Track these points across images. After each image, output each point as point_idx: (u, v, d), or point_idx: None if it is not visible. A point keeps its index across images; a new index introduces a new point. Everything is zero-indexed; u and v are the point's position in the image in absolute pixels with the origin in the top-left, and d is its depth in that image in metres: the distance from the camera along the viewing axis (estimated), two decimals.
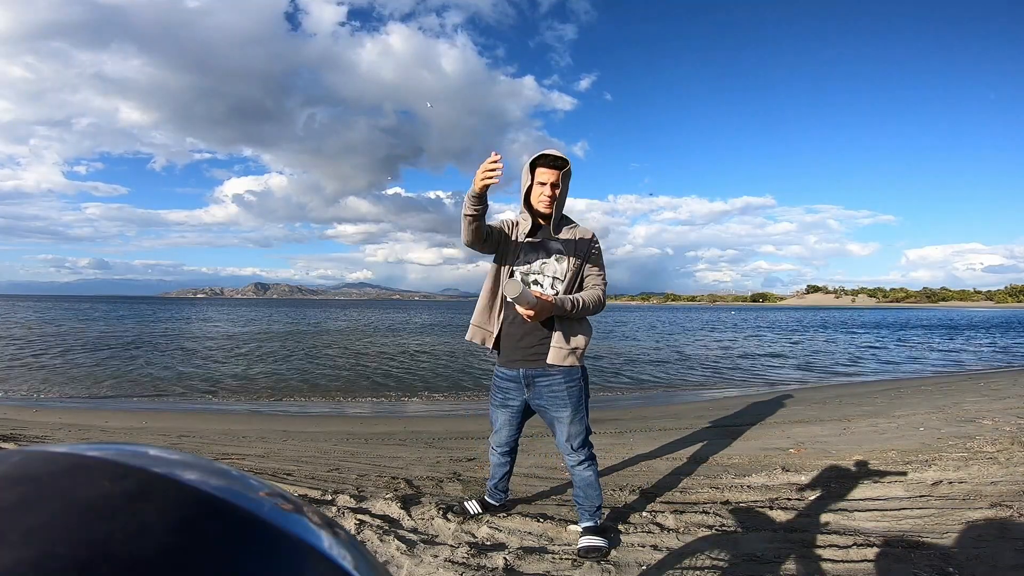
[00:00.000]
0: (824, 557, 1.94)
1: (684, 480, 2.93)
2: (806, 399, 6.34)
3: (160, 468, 0.25)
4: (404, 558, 1.90)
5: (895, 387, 7.32)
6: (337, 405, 6.75)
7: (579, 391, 2.04)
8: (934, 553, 1.92)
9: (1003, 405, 5.06)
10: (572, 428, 2.03)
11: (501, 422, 2.21)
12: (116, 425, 4.99)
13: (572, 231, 2.10)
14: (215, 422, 5.26)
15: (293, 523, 0.26)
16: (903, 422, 4.43)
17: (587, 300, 2.02)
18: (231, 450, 3.69)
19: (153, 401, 6.90)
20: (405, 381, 8.63)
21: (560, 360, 1.99)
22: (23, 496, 0.21)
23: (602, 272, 2.14)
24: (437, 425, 5.19)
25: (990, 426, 4.05)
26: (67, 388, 7.69)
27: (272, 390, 7.71)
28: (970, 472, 2.86)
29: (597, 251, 2.13)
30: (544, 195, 2.01)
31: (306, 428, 4.93)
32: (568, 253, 2.06)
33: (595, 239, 2.13)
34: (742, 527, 2.22)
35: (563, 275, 2.05)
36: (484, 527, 2.17)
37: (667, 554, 1.99)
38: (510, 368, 2.09)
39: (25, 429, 4.34)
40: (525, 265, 2.08)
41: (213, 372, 9.36)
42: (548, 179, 2.00)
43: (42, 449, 0.25)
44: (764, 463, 3.23)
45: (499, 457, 2.29)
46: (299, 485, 2.75)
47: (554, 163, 2.00)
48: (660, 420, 5.05)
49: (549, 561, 1.91)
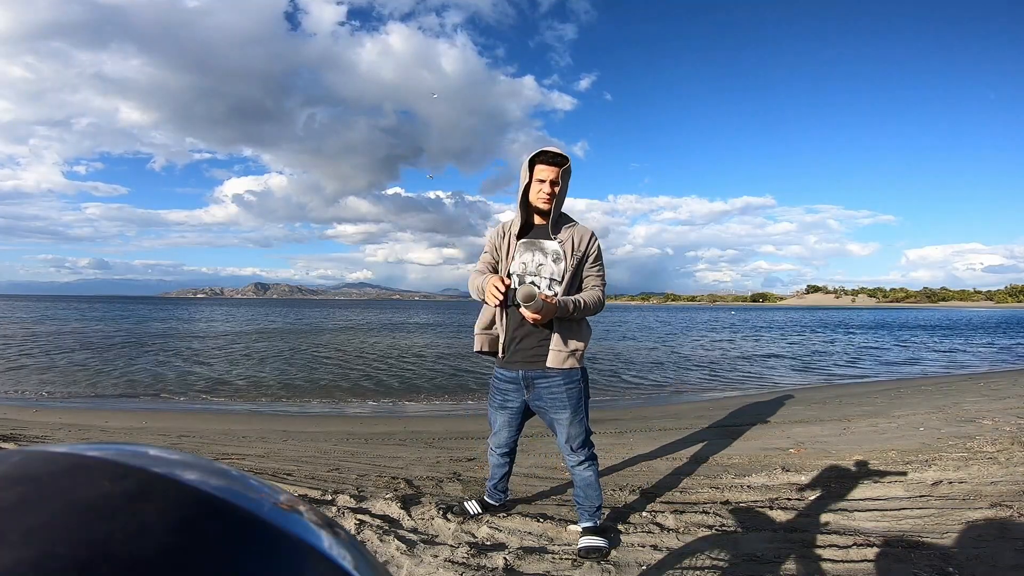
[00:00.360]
0: (824, 557, 1.94)
1: (684, 480, 2.93)
2: (806, 399, 6.34)
3: (160, 468, 0.25)
4: (404, 558, 1.90)
5: (895, 387, 7.33)
6: (337, 405, 6.75)
7: (578, 393, 2.03)
8: (934, 553, 1.92)
9: (1003, 405, 5.06)
10: (572, 429, 2.02)
11: (500, 423, 2.20)
12: (116, 425, 4.99)
13: (570, 230, 2.06)
14: (215, 422, 5.26)
15: (293, 523, 0.26)
16: (903, 422, 4.44)
17: (588, 301, 2.00)
18: (231, 450, 3.69)
19: (153, 401, 6.90)
20: (405, 381, 8.63)
21: (559, 363, 1.97)
22: (23, 496, 0.21)
23: (601, 272, 2.10)
24: (437, 425, 5.19)
25: (990, 426, 4.05)
26: (67, 388, 7.69)
27: (272, 390, 7.72)
28: (970, 472, 2.86)
29: (596, 251, 2.08)
30: (543, 192, 1.98)
31: (306, 428, 4.93)
32: (566, 254, 2.03)
33: (594, 238, 2.09)
34: (742, 527, 2.22)
35: (560, 276, 2.02)
36: (484, 527, 2.17)
37: (667, 554, 1.99)
38: (509, 369, 2.08)
39: (25, 429, 4.34)
40: (521, 266, 2.04)
41: (213, 372, 9.36)
42: (548, 176, 1.97)
43: (42, 449, 0.25)
44: (764, 463, 3.23)
45: (498, 458, 2.29)
46: (299, 485, 2.75)
47: (554, 160, 1.97)
48: (660, 420, 5.05)
49: (549, 561, 1.91)
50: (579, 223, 2.11)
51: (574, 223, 2.11)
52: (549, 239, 2.05)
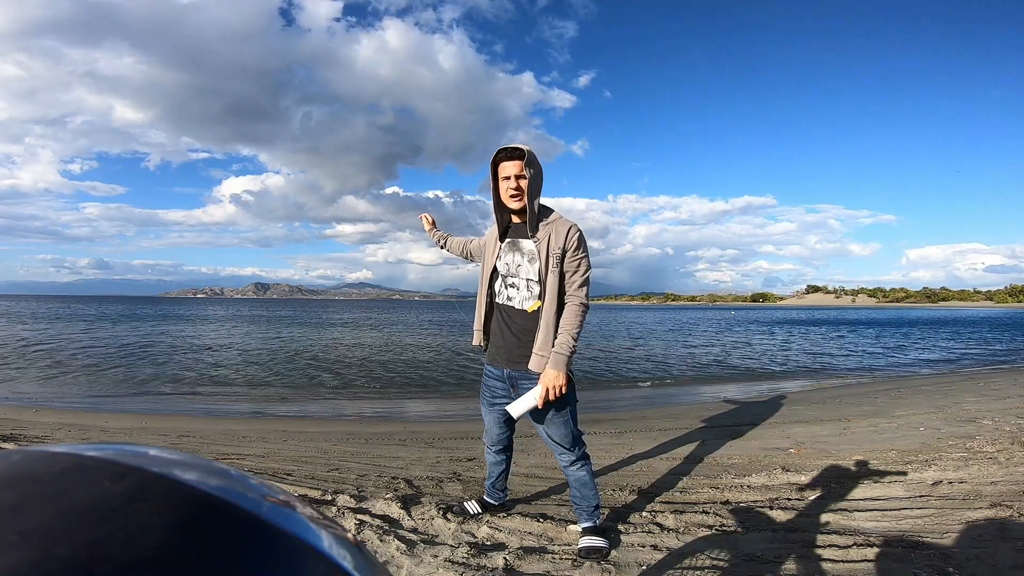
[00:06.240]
0: (824, 557, 1.94)
1: (684, 480, 2.93)
2: (806, 399, 6.34)
3: (160, 468, 0.25)
4: (404, 558, 1.90)
5: (895, 387, 7.32)
6: (337, 405, 6.75)
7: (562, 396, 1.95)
8: (934, 553, 1.92)
9: (1003, 405, 5.06)
10: (556, 430, 2.01)
11: (490, 420, 2.20)
12: (116, 425, 4.99)
13: (548, 227, 1.96)
14: (215, 422, 5.26)
15: (293, 523, 0.26)
16: (903, 422, 4.44)
17: (572, 323, 1.91)
18: (231, 450, 3.69)
19: (153, 401, 6.90)
20: (405, 381, 8.63)
21: (541, 367, 1.92)
22: (23, 496, 0.21)
23: (580, 267, 1.94)
24: (437, 425, 5.20)
25: (990, 426, 4.05)
26: (67, 388, 7.69)
27: (272, 390, 7.72)
28: (970, 472, 2.86)
29: (575, 243, 1.93)
30: (510, 188, 1.92)
31: (306, 428, 4.93)
32: (541, 253, 1.94)
33: (573, 231, 1.95)
34: (742, 527, 2.22)
35: (537, 276, 1.96)
36: (484, 527, 2.17)
37: (667, 554, 1.99)
38: (496, 366, 2.09)
39: (25, 429, 4.34)
40: (504, 267, 2.04)
41: (213, 372, 9.36)
42: (511, 171, 1.91)
43: (42, 449, 0.25)
44: (764, 463, 3.23)
45: (494, 456, 2.29)
46: (299, 485, 2.75)
47: (513, 154, 1.91)
48: (660, 420, 5.05)
49: (549, 561, 1.91)
50: (561, 217, 2.00)
51: (554, 219, 2.00)
52: (527, 238, 1.99)
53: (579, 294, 1.94)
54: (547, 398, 1.89)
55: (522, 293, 2.00)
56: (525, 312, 2.00)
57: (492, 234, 2.14)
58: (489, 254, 2.11)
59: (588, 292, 1.97)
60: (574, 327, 1.91)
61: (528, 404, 1.93)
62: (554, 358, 1.88)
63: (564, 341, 1.89)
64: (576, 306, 1.93)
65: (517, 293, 2.01)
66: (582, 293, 1.95)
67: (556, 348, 1.89)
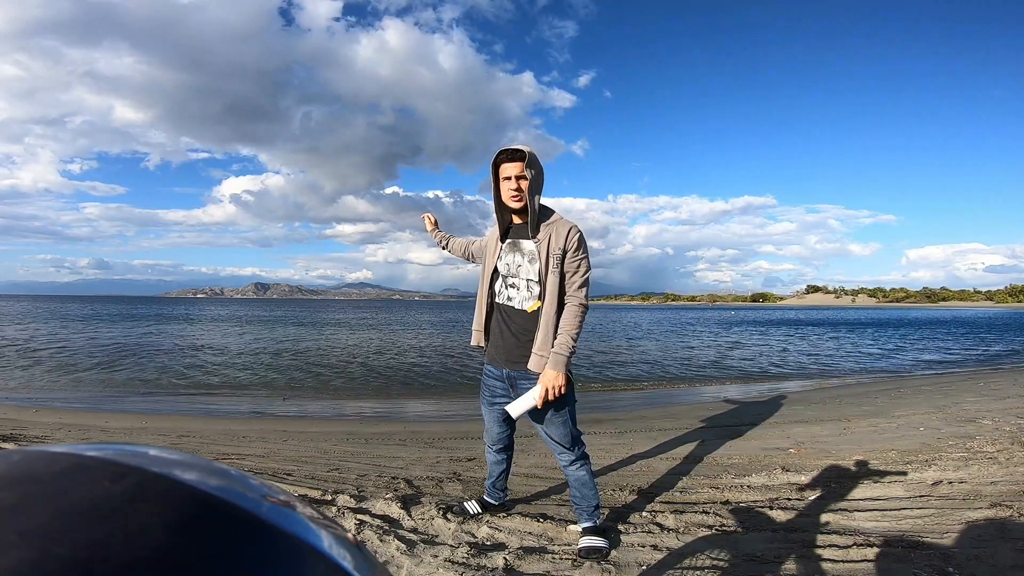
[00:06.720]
0: (824, 557, 1.94)
1: (684, 480, 2.93)
2: (806, 399, 6.34)
3: (160, 468, 0.25)
4: (404, 558, 1.90)
5: (895, 387, 7.32)
6: (337, 405, 6.75)
7: (561, 397, 1.96)
8: (934, 553, 1.92)
9: (1003, 405, 5.06)
10: (555, 431, 2.02)
11: (490, 419, 2.20)
12: (116, 425, 4.99)
13: (549, 228, 1.97)
14: (215, 422, 5.26)
15: (293, 523, 0.26)
16: (903, 422, 4.44)
17: (571, 324, 1.92)
18: (231, 450, 3.69)
19: (153, 401, 6.90)
20: (405, 381, 8.63)
21: (540, 367, 1.92)
22: (23, 496, 0.21)
23: (580, 268, 1.95)
24: (437, 425, 5.20)
25: (990, 426, 4.06)
26: (67, 388, 7.70)
27: (272, 390, 7.72)
28: (970, 472, 2.86)
29: (575, 243, 1.94)
30: (511, 189, 1.93)
31: (306, 428, 4.93)
32: (541, 253, 1.95)
33: (573, 231, 1.96)
34: (742, 527, 2.22)
35: (538, 276, 1.97)
36: (484, 527, 2.17)
37: (667, 554, 1.99)
38: (495, 366, 2.09)
39: (25, 429, 4.34)
40: (505, 267, 2.04)
41: (213, 372, 9.36)
42: (512, 172, 1.92)
43: (42, 449, 0.25)
44: (764, 463, 3.23)
45: (494, 455, 2.29)
46: (299, 485, 2.75)
47: (513, 156, 1.92)
48: (660, 420, 5.05)
49: (549, 561, 1.91)
50: (562, 218, 2.01)
51: (556, 219, 2.01)
52: (528, 238, 2.00)
53: (579, 295, 1.95)
54: (546, 398, 1.89)
55: (522, 293, 2.01)
56: (525, 312, 2.00)
57: (493, 234, 2.15)
58: (490, 254, 2.12)
59: (588, 293, 1.98)
60: (574, 328, 1.92)
61: (527, 404, 1.93)
62: (553, 358, 1.89)
63: (564, 341, 1.90)
64: (576, 307, 1.94)
65: (517, 293, 2.02)
66: (582, 294, 1.95)
67: (555, 348, 1.90)
